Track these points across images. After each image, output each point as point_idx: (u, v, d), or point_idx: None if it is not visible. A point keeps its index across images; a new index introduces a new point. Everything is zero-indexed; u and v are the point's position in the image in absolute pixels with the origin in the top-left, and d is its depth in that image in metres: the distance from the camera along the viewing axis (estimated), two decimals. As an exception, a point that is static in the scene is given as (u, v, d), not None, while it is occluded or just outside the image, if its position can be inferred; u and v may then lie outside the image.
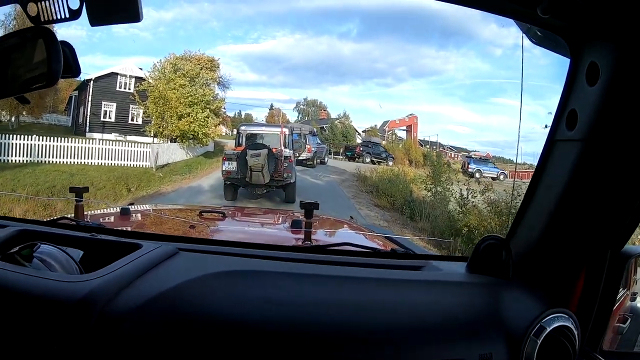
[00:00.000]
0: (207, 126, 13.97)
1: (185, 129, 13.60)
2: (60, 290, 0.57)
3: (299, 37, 30.01)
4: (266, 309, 0.63)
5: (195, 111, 13.68)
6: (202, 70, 14.85)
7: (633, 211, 0.71)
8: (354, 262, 0.84)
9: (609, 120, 0.67)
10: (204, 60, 15.54)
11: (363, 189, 10.84)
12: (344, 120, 23.46)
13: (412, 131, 22.43)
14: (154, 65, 14.22)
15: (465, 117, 31.21)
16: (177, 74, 14.19)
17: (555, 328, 0.68)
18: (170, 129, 13.63)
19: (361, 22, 31.08)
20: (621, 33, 0.63)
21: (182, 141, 13.87)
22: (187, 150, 14.04)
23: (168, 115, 13.62)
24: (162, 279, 0.64)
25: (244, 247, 0.88)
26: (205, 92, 14.23)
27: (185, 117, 13.67)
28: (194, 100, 13.80)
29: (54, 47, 0.62)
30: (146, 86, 13.64)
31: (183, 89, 13.75)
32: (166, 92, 13.60)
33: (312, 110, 27.10)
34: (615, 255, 0.75)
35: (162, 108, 13.73)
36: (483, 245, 0.81)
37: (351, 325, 0.64)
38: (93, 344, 0.54)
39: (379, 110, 39.02)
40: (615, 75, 0.65)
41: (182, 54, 15.29)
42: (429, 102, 30.04)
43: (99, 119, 14.66)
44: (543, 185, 0.78)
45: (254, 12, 27.87)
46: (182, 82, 13.78)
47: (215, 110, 14.96)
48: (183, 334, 0.58)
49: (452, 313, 0.71)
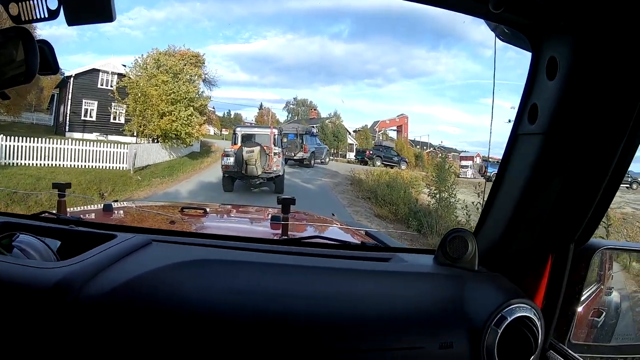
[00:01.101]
0: (190, 125, 13.75)
1: (167, 128, 13.40)
2: (36, 276, 0.63)
3: (291, 37, 30.83)
4: (234, 297, 0.68)
5: (178, 109, 13.50)
6: (186, 66, 14.63)
7: (595, 204, 0.75)
8: (324, 254, 0.90)
9: (568, 114, 0.71)
10: (188, 55, 15.10)
11: (359, 195, 10.26)
12: (335, 120, 23.45)
13: (403, 131, 22.83)
14: (135, 60, 14.14)
15: (455, 117, 32.06)
16: (159, 70, 13.72)
17: (516, 318, 0.72)
18: (151, 128, 13.16)
19: (353, 22, 31.91)
20: (577, 28, 0.68)
21: (164, 141, 13.41)
22: (171, 150, 13.57)
23: (149, 113, 13.15)
24: (134, 267, 0.70)
25: (218, 239, 0.94)
26: (189, 88, 14.08)
27: (167, 115, 13.49)
28: (176, 97, 13.61)
29: (31, 45, 0.68)
30: (126, 82, 13.21)
31: (165, 86, 13.26)
32: (147, 88, 13.13)
33: (302, 110, 27.34)
34: (580, 249, 0.81)
35: (143, 106, 13.27)
36: (450, 238, 0.86)
37: (317, 313, 0.69)
38: (66, 327, 0.60)
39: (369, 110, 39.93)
40: (572, 70, 0.70)
41: (166, 49, 14.85)
42: (420, 103, 31.05)
43: (80, 117, 14.29)
44: (508, 179, 0.84)
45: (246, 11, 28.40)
46: (164, 79, 13.32)
47: (200, 109, 14.54)
48: (151, 319, 0.64)
49: (416, 303, 0.76)
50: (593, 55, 0.67)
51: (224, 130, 28.67)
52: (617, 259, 0.98)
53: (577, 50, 0.69)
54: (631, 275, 1.02)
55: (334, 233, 1.48)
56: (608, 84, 0.67)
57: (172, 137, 13.52)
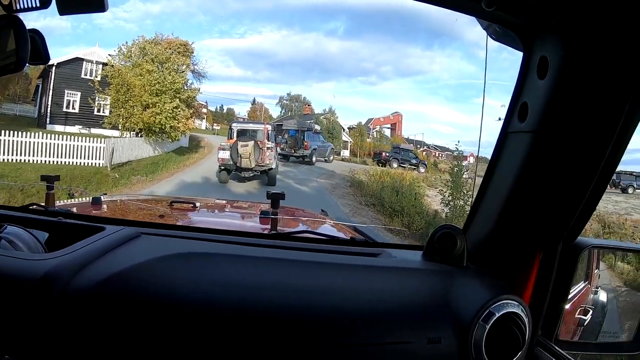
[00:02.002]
0: (176, 118, 13.39)
1: (151, 121, 13.00)
2: (24, 268, 0.65)
3: (286, 33, 32.17)
4: (222, 290, 0.70)
5: (163, 101, 13.13)
6: (173, 55, 14.27)
7: (583, 203, 0.78)
8: (313, 249, 0.92)
9: (558, 113, 0.74)
10: (175, 44, 14.63)
11: (362, 201, 9.70)
12: (330, 116, 23.54)
13: (397, 129, 23.25)
14: (118, 48, 13.75)
15: (449, 116, 33.15)
16: (144, 59, 13.28)
17: (504, 314, 0.75)
18: (134, 120, 12.72)
19: (348, 20, 33.03)
20: (567, 28, 0.71)
21: (148, 135, 12.96)
22: (156, 145, 13.17)
23: (130, 105, 12.71)
24: (123, 259, 0.72)
25: (207, 232, 0.96)
26: (175, 78, 13.68)
27: (151, 107, 13.10)
28: (161, 88, 13.25)
29: (22, 33, 0.70)
30: (108, 71, 12.82)
31: (150, 75, 12.83)
32: (130, 78, 12.70)
33: (295, 106, 27.78)
34: (568, 247, 0.84)
35: (125, 97, 12.79)
36: (438, 234, 0.89)
37: (305, 307, 0.72)
38: (54, 320, 0.62)
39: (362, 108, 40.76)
40: (563, 69, 0.72)
41: (153, 37, 14.42)
42: (414, 101, 32.12)
43: (62, 109, 13.95)
44: (497, 176, 0.87)
45: (241, 6, 29.08)
46: (149, 68, 13.28)
47: (188, 101, 14.10)
48: (139, 312, 0.66)
49: (404, 298, 0.79)
50: (584, 56, 0.70)
51: (216, 125, 28.92)
52: (603, 258, 1.01)
53: (567, 50, 0.72)
54: (616, 274, 1.08)
55: (324, 228, 1.52)
56: (598, 84, 0.70)
57: (156, 131, 13.17)
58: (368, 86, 34.82)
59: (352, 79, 37.34)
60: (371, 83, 35.53)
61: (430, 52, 31.55)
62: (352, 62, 33.48)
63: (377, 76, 36.80)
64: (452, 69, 31.11)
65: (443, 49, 32.80)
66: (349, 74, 35.58)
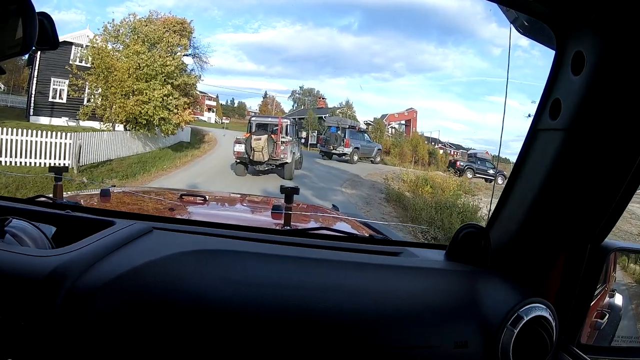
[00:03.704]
0: (167, 108, 12.04)
1: (136, 112, 11.68)
2: (29, 265, 0.64)
3: (300, 28, 32.78)
4: (237, 288, 0.71)
5: (152, 87, 11.84)
6: (167, 34, 12.78)
7: (614, 204, 0.80)
8: (331, 246, 0.93)
9: (593, 110, 0.75)
10: (171, 21, 13.45)
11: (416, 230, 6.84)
12: (347, 110, 23.36)
13: (412, 125, 23.27)
14: (104, 27, 12.28)
15: (461, 114, 33.65)
16: (133, 38, 12.31)
17: (532, 318, 0.77)
18: (116, 111, 11.73)
19: (362, 15, 33.54)
20: (607, 22, 0.71)
21: (135, 128, 12.01)
22: (148, 140, 12.20)
23: (112, 92, 11.71)
24: (134, 256, 0.72)
25: (220, 227, 0.97)
26: (166, 60, 12.17)
27: (137, 94, 11.73)
28: (150, 72, 11.84)
29: (30, 15, 0.71)
30: (89, 53, 11.81)
31: (137, 57, 11.84)
32: (112, 60, 11.69)
33: (308, 100, 28.36)
34: (595, 249, 0.86)
35: (104, 82, 11.76)
36: (462, 234, 0.91)
37: (326, 307, 0.73)
38: (61, 319, 0.62)
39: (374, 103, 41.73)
40: (600, 65, 0.73)
41: (146, 16, 13.18)
42: (426, 98, 32.75)
43: (47, 99, 13.05)
44: (524, 175, 0.88)
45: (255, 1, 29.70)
46: (138, 49, 11.90)
47: (185, 89, 12.94)
48: (151, 312, 0.66)
49: (428, 299, 0.80)
50: (622, 52, 0.70)
51: (225, 118, 29.57)
52: (619, 261, 1.02)
53: (606, 46, 0.72)
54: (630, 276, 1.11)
55: (339, 225, 1.55)
56: (635, 82, 0.71)
57: (142, 124, 11.93)
58: (381, 82, 35.54)
59: (365, 75, 38.00)
60: (384, 79, 36.34)
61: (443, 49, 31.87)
62: (365, 57, 34.07)
63: (390, 72, 37.56)
64: (465, 65, 31.38)
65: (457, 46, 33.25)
66: (362, 69, 36.23)
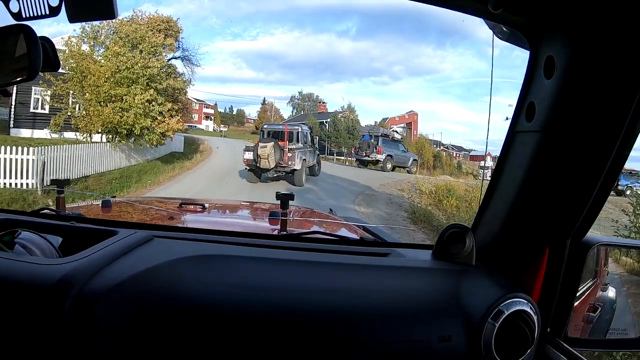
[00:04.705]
0: (150, 116, 11.45)
1: (114, 121, 11.05)
2: (39, 273, 0.72)
3: (298, 34, 34.06)
4: (235, 292, 0.79)
5: (133, 92, 11.21)
6: (151, 33, 12.05)
7: (591, 201, 0.86)
8: (323, 249, 1.02)
9: (565, 112, 0.81)
10: (155, 20, 12.70)
11: None
12: (349, 115, 23.06)
13: (413, 128, 23.42)
14: (81, 28, 11.69)
15: (460, 115, 34.84)
16: (113, 39, 11.71)
17: (513, 312, 0.84)
18: (93, 120, 11.12)
19: (360, 20, 34.85)
20: (574, 28, 0.78)
21: (116, 139, 11.39)
22: (133, 152, 11.62)
23: (87, 98, 11.15)
24: (136, 263, 0.80)
25: (218, 234, 1.05)
26: (148, 62, 11.52)
27: (115, 101, 11.14)
28: (130, 75, 11.24)
29: (34, 42, 0.77)
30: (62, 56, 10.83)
31: (116, 58, 11.18)
32: (86, 62, 11.12)
33: (307, 105, 28.63)
34: (576, 245, 0.93)
35: (78, 88, 11.21)
36: (447, 234, 0.98)
37: (316, 307, 0.80)
38: (69, 323, 0.69)
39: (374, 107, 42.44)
40: (569, 69, 0.79)
41: (129, 16, 12.43)
42: (426, 101, 33.88)
43: (28, 109, 12.60)
44: (505, 175, 0.95)
45: (253, 9, 30.64)
46: (118, 50, 11.30)
47: (172, 93, 12.54)
48: (152, 316, 0.73)
49: (414, 297, 0.87)
50: (590, 55, 0.77)
51: (223, 126, 29.83)
52: (611, 255, 1.12)
53: (574, 50, 0.79)
54: (626, 271, 1.19)
55: (333, 228, 1.64)
56: (605, 83, 0.77)
57: (123, 134, 11.36)
58: (380, 86, 37.15)
59: (364, 79, 40.02)
60: (383, 83, 37.87)
61: (441, 51, 33.19)
62: (364, 62, 35.61)
63: (389, 76, 39.60)
64: (463, 67, 32.68)
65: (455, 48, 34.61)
66: (361, 74, 38.04)
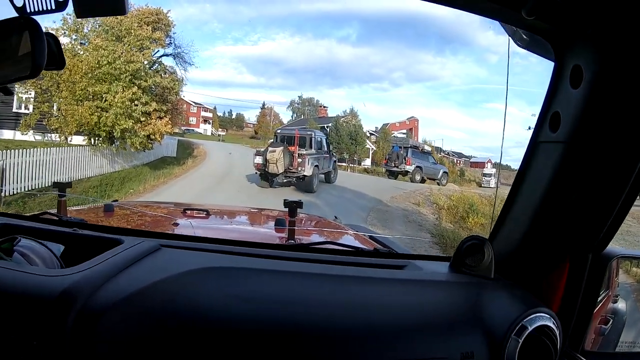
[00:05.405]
0: (133, 116, 10.90)
1: (92, 121, 10.53)
2: (40, 285, 0.68)
3: (299, 40, 35.02)
4: (246, 306, 0.76)
5: (114, 90, 10.61)
6: (137, 25, 11.52)
7: (614, 213, 0.86)
8: (336, 261, 1.00)
9: (591, 123, 0.80)
10: (143, 12, 12.07)
11: None
12: (351, 119, 23.12)
13: (413, 134, 23.87)
14: (63, 19, 10.92)
15: (460, 122, 35.55)
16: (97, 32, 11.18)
17: (536, 327, 0.83)
18: (68, 120, 10.62)
19: (361, 26, 35.59)
20: (604, 36, 0.76)
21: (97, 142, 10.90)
22: (118, 156, 11.27)
23: (64, 96, 10.63)
24: (144, 275, 0.77)
25: (226, 244, 1.03)
26: (132, 57, 10.91)
27: (93, 99, 10.64)
28: (111, 70, 10.64)
29: (38, 38, 0.74)
30: None
31: (96, 52, 10.62)
32: None
33: (307, 110, 29.06)
34: (597, 257, 0.93)
35: (50, 85, 10.65)
36: (466, 245, 0.97)
37: (332, 323, 0.78)
38: (72, 339, 0.65)
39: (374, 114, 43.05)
40: (597, 78, 0.78)
41: None
42: (426, 107, 34.45)
43: (11, 109, 12.10)
44: (526, 186, 0.94)
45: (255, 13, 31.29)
46: (100, 43, 10.74)
47: (161, 93, 11.97)
48: (162, 331, 0.70)
49: (434, 312, 0.85)
50: (620, 64, 0.76)
51: (221, 130, 30.10)
52: (622, 266, 1.07)
53: (603, 60, 0.77)
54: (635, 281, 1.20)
55: (344, 238, 1.61)
56: (634, 94, 0.77)
57: (104, 137, 10.88)
58: (380, 92, 38.17)
59: (364, 85, 40.85)
60: (383, 89, 38.80)
61: (441, 58, 33.94)
62: (364, 68, 36.59)
63: (389, 82, 40.37)
64: (463, 74, 33.24)
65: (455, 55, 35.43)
66: (361, 80, 38.90)
